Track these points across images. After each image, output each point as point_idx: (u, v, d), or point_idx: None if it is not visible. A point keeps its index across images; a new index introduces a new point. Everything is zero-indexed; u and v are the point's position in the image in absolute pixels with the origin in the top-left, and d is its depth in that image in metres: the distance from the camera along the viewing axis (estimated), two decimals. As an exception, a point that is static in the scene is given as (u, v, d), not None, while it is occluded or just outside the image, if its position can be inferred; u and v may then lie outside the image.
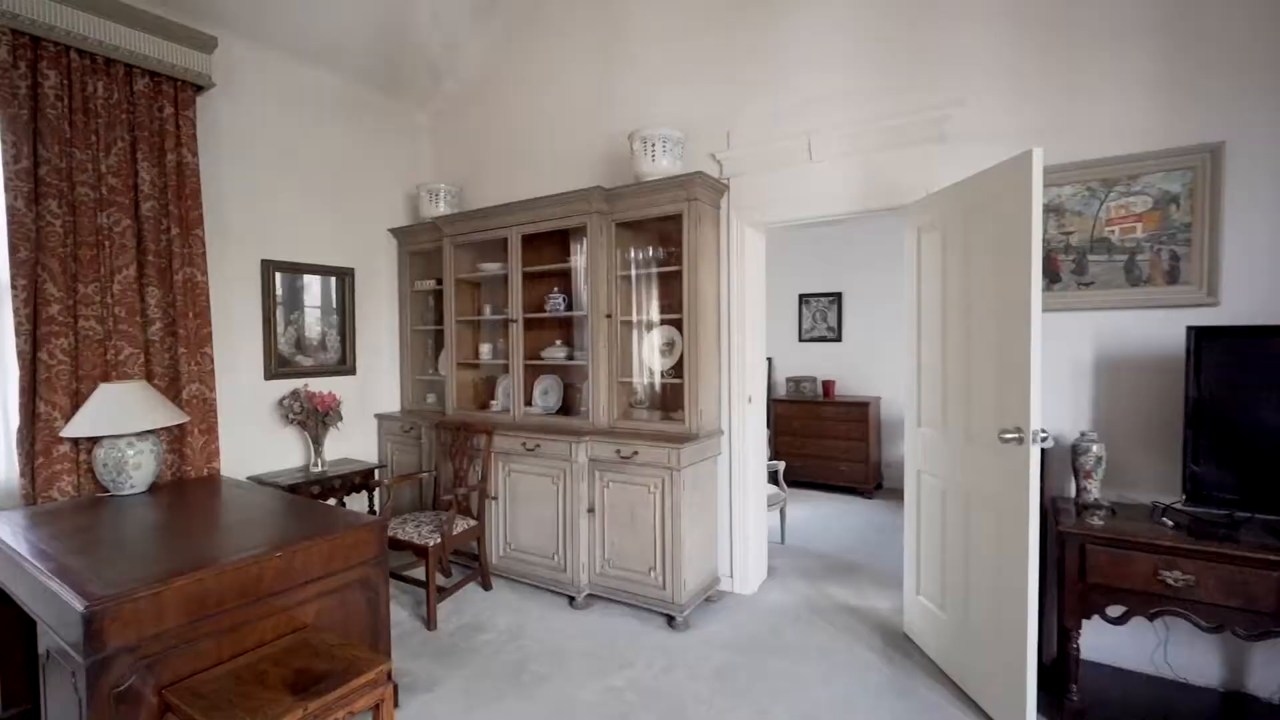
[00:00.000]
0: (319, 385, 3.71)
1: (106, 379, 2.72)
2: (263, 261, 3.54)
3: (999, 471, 2.16)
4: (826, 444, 5.40)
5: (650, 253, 3.30)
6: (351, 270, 4.03)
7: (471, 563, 3.50)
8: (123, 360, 2.79)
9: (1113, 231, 2.38)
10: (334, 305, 3.95)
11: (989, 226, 2.20)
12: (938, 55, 2.70)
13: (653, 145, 3.12)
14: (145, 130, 2.86)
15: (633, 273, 3.32)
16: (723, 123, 3.28)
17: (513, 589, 3.37)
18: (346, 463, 3.78)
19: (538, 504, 3.31)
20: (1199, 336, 2.08)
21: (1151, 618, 2.00)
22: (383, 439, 4.18)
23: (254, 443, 3.49)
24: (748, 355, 3.32)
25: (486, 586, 3.39)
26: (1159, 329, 2.29)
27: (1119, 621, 2.07)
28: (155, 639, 1.68)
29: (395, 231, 4.25)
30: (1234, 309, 2.18)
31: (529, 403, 3.68)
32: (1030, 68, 2.50)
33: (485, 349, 3.98)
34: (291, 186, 3.68)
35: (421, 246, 4.17)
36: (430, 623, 2.93)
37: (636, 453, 3.02)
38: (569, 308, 3.66)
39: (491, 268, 3.85)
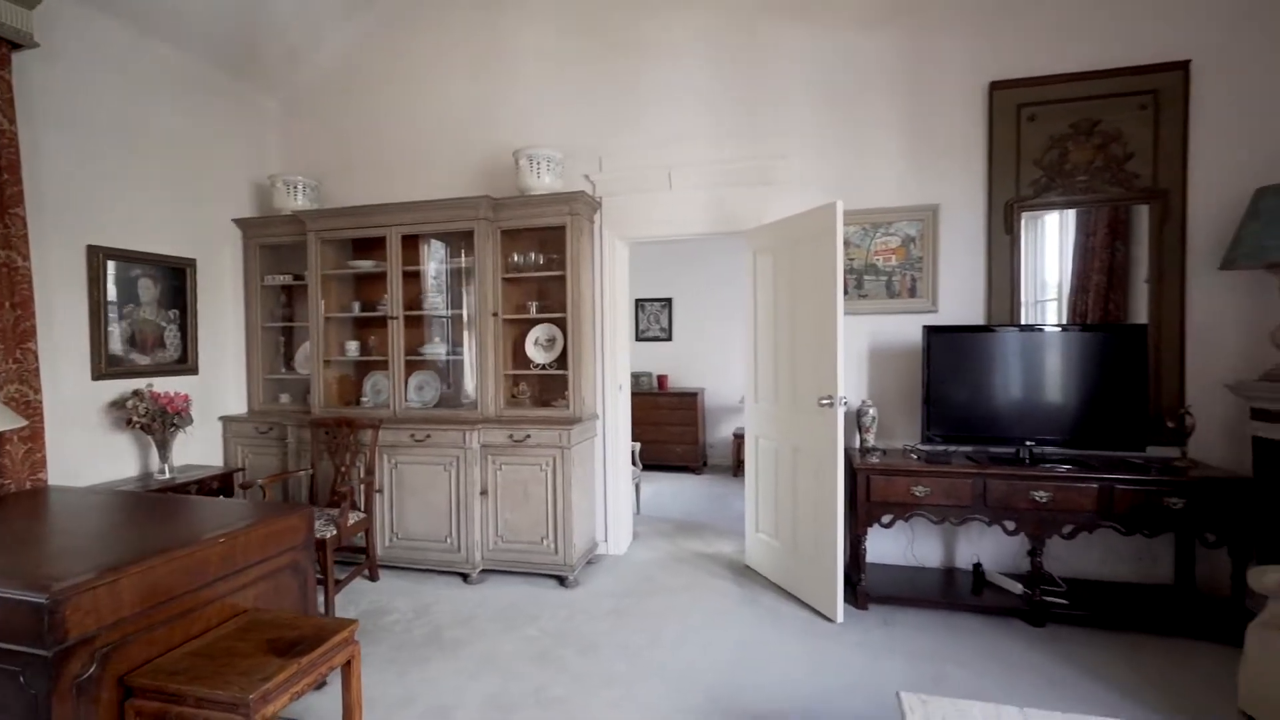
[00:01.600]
0: (160, 386, 3.40)
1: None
2: (90, 248, 3.17)
3: (817, 429, 3.00)
4: (663, 430, 6.19)
5: (531, 258, 3.68)
6: (193, 261, 3.72)
7: (355, 557, 3.52)
8: (-66, 356, 2.39)
9: (879, 260, 3.40)
10: (173, 299, 3.62)
11: (808, 253, 3.04)
12: (768, 118, 3.53)
13: (538, 163, 3.52)
14: (-40, 90, 2.48)
15: (515, 275, 3.67)
16: (596, 149, 3.79)
17: (401, 576, 3.49)
18: (194, 469, 3.51)
19: (428, 492, 3.49)
20: (929, 333, 3.13)
21: (907, 519, 2.99)
22: (230, 443, 3.91)
23: (80, 450, 3.11)
24: (618, 349, 3.88)
25: (373, 578, 3.45)
26: (907, 328, 3.35)
27: (888, 525, 3.04)
28: (112, 628, 1.68)
29: (242, 222, 4.00)
30: (947, 314, 3.31)
31: (404, 398, 3.80)
32: (831, 138, 3.44)
33: (352, 346, 3.97)
34: (125, 167, 3.34)
35: (274, 239, 3.99)
36: (330, 613, 2.96)
37: (529, 436, 3.39)
38: (449, 306, 3.86)
39: (364, 264, 3.87)
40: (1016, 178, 3.21)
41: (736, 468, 6.14)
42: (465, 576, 3.44)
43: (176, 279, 3.63)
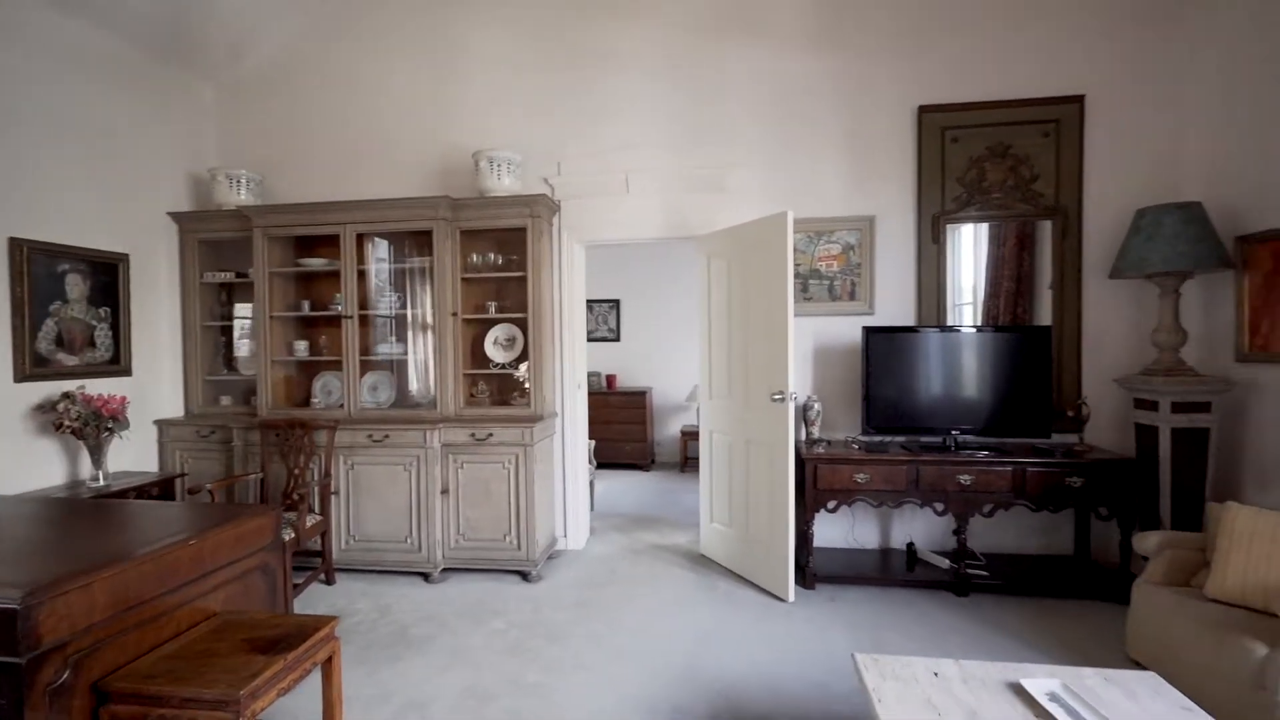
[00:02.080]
0: (91, 388, 3.21)
1: None
2: (12, 240, 2.96)
3: (769, 422, 3.21)
4: (613, 428, 6.31)
5: (491, 258, 3.73)
6: (125, 256, 3.53)
7: (310, 561, 3.44)
8: None
9: (822, 265, 3.67)
10: (104, 296, 3.42)
11: (760, 258, 3.25)
12: (720, 129, 3.73)
13: (499, 165, 3.57)
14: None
15: (474, 275, 3.70)
16: (554, 153, 3.88)
17: (358, 579, 3.45)
18: (130, 475, 3.34)
19: (387, 492, 3.46)
20: (867, 333, 3.42)
21: (850, 505, 3.26)
22: (168, 448, 3.73)
23: (1, 458, 2.90)
24: (576, 349, 3.98)
25: (330, 581, 3.39)
26: (847, 329, 3.63)
27: (833, 511, 3.30)
28: (85, 633, 1.64)
29: (179, 216, 3.83)
30: (882, 316, 3.61)
31: (359, 399, 3.74)
32: (778, 150, 3.67)
33: (301, 345, 3.87)
34: (50, 155, 3.14)
35: (214, 234, 3.84)
36: (288, 618, 2.90)
37: (491, 434, 3.43)
38: (404, 305, 3.84)
39: (314, 263, 3.79)
40: (942, 193, 3.55)
41: (684, 464, 6.36)
42: (426, 576, 3.44)
43: (107, 275, 3.44)
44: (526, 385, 3.64)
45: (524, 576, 3.45)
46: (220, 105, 4.16)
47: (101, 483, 3.10)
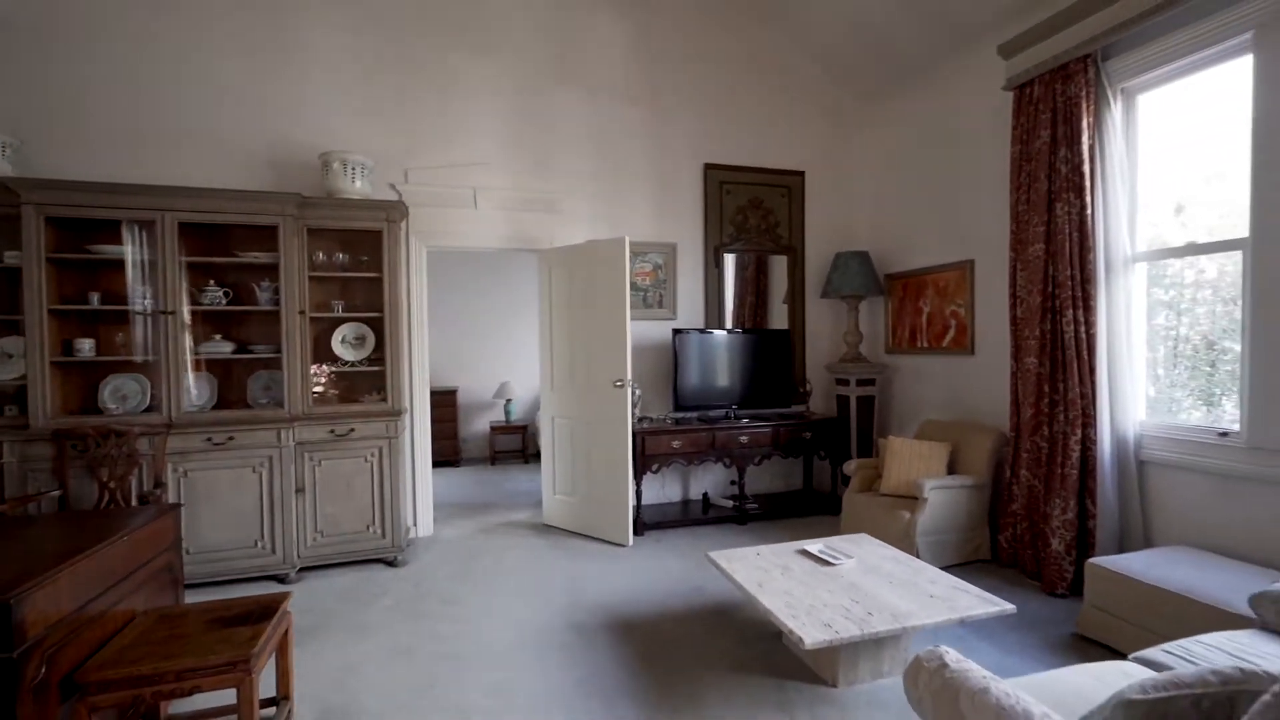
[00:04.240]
0: None
1: None
2: None
3: (610, 405, 3.98)
4: (421, 428, 6.39)
5: (338, 258, 3.78)
6: None
7: (131, 582, 3.08)
8: None
9: (639, 279, 4.59)
10: None
11: (602, 271, 4.01)
12: (556, 159, 4.39)
13: (353, 168, 3.67)
14: None
15: (319, 274, 3.71)
16: (401, 161, 4.08)
17: (200, 593, 3.21)
18: None
19: (231, 497, 3.31)
20: (675, 333, 4.44)
21: (668, 466, 4.23)
22: (-120, 474, 2.92)
23: None
24: (425, 348, 4.21)
25: (161, 600, 3.11)
26: (658, 330, 4.61)
27: (656, 473, 4.23)
28: (55, 628, 1.63)
29: (-110, 180, 3.01)
30: (683, 320, 4.69)
31: (179, 401, 3.44)
32: (604, 182, 4.48)
33: (86, 344, 3.38)
34: None
35: (-53, 207, 3.12)
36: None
37: (353, 429, 3.54)
38: (232, 301, 3.63)
39: (108, 250, 3.35)
40: (720, 230, 4.77)
41: (494, 458, 6.76)
42: (282, 578, 3.38)
43: None
44: (385, 382, 3.78)
45: (390, 563, 3.62)
46: (-59, 45, 3.34)
47: None
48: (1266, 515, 2.53)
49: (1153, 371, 3.15)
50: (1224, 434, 2.72)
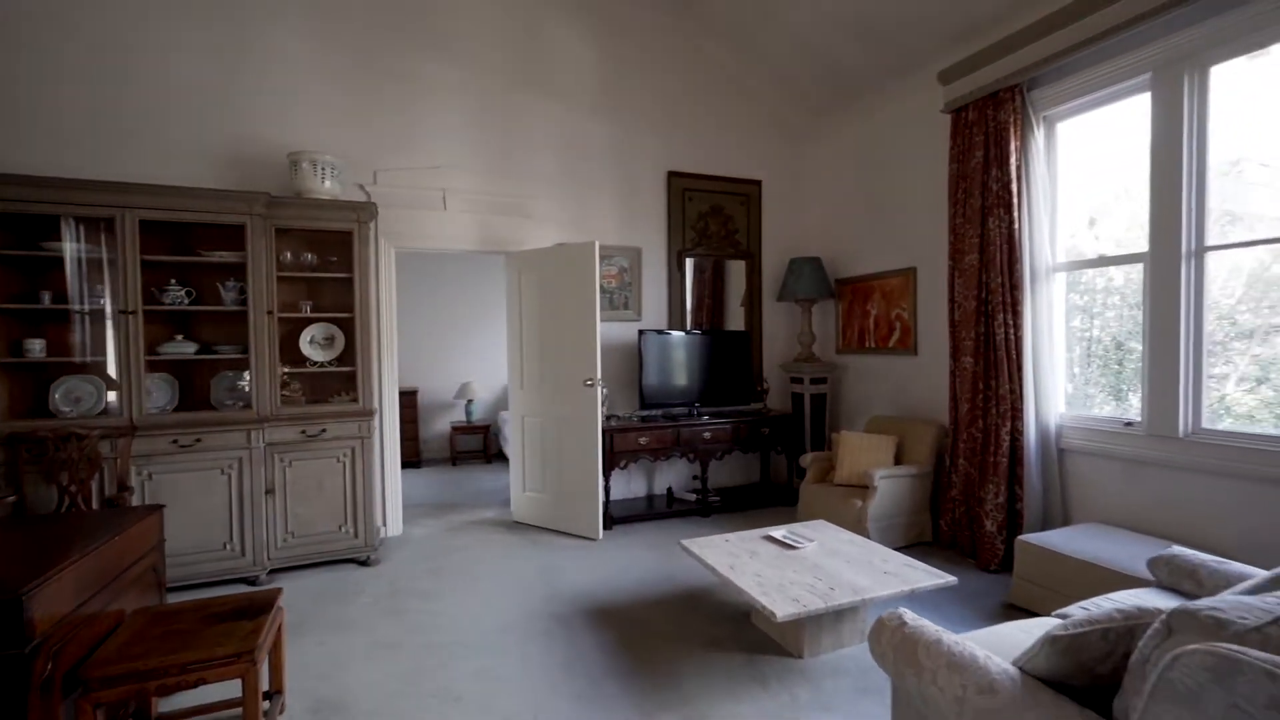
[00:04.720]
0: None
1: None
2: None
3: (580, 403, 4.11)
4: (381, 429, 6.33)
5: (307, 258, 3.77)
6: None
7: (92, 589, 2.99)
8: None
9: (605, 282, 4.74)
10: None
11: (573, 274, 4.13)
12: (524, 164, 4.48)
13: (323, 168, 3.67)
14: None
15: (287, 274, 3.69)
16: (370, 162, 4.08)
17: (176, 596, 3.15)
18: None
19: (198, 500, 3.26)
20: (640, 333, 4.60)
21: (636, 462, 4.39)
22: None
23: None
24: (394, 349, 4.23)
25: (125, 606, 3.04)
26: (625, 331, 4.77)
27: (624, 469, 4.38)
28: (58, 626, 1.65)
29: None
30: (648, 322, 4.86)
31: (141, 402, 3.36)
32: (571, 188, 4.61)
33: (36, 345, 3.27)
34: None
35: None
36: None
37: (325, 430, 3.54)
38: (195, 300, 3.57)
39: (62, 247, 3.24)
40: (683, 235, 4.97)
41: (455, 459, 6.75)
42: (252, 580, 3.35)
43: None
44: (355, 382, 3.79)
45: (362, 563, 3.64)
46: None
47: None
48: (1162, 493, 2.91)
49: (1070, 369, 3.53)
50: (1129, 424, 3.11)
